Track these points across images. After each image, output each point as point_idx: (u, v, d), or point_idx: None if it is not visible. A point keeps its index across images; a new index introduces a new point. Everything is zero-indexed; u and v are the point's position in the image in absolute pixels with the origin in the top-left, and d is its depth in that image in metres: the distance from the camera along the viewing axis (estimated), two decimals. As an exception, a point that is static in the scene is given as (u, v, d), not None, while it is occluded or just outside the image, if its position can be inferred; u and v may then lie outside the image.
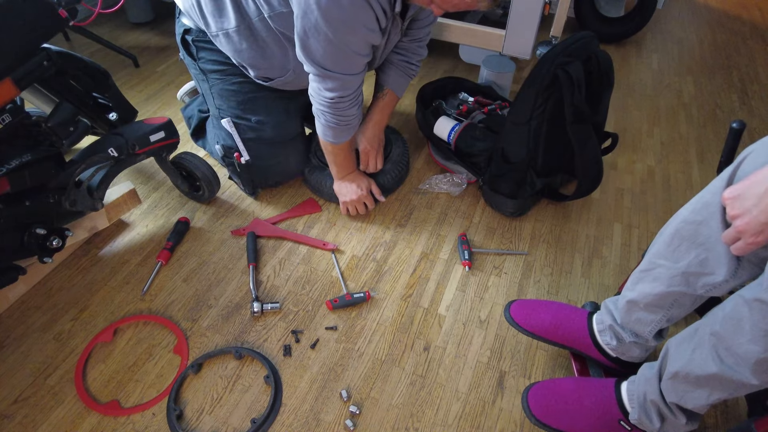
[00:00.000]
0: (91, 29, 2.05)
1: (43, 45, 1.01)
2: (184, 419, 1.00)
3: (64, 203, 1.11)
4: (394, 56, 1.36)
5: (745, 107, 2.00)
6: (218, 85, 1.35)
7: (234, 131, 1.36)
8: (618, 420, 0.90)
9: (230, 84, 1.35)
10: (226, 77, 1.34)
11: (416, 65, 1.40)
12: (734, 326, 0.70)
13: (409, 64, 1.38)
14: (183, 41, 1.35)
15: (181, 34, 1.34)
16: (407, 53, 1.37)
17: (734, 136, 0.91)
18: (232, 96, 1.35)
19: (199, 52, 1.34)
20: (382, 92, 1.41)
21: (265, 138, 1.38)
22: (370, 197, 1.41)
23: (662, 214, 1.48)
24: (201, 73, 1.37)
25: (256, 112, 1.35)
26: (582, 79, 1.21)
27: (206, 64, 1.35)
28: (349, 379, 1.07)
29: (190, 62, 1.38)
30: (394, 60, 1.37)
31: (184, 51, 1.38)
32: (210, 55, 1.33)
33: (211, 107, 1.42)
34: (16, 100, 0.98)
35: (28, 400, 1.02)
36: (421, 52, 1.39)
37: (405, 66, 1.38)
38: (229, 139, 1.38)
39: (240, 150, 1.37)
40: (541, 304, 1.08)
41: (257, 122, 1.36)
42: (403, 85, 1.41)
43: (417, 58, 1.39)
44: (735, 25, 2.67)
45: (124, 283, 1.24)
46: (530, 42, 1.67)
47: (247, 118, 1.36)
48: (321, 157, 1.46)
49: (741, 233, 0.66)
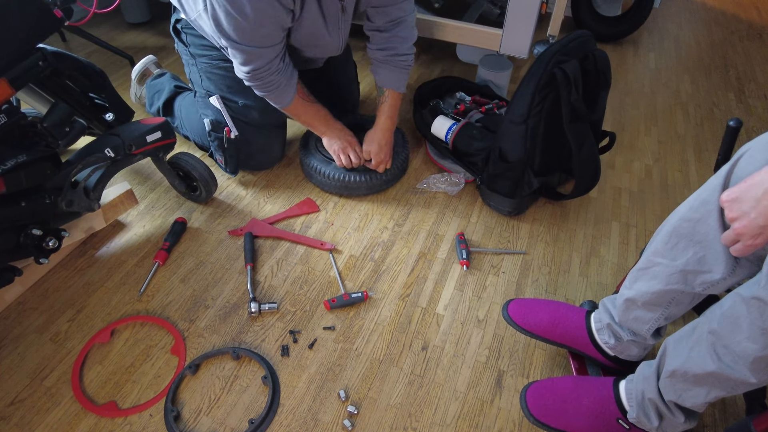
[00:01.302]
0: (88, 30, 2.04)
1: (39, 45, 1.01)
2: (181, 420, 1.00)
3: (61, 204, 1.10)
4: (378, 53, 1.37)
5: (742, 106, 2.01)
6: (207, 69, 1.41)
7: (223, 108, 1.39)
8: (616, 419, 0.90)
9: (218, 68, 1.39)
10: (212, 61, 1.39)
11: (406, 54, 1.38)
12: (732, 324, 0.70)
13: (398, 56, 1.37)
14: (175, 30, 1.44)
15: (173, 23, 1.43)
16: (390, 44, 1.36)
17: (731, 134, 0.91)
18: (219, 79, 1.40)
19: (188, 38, 1.41)
20: (383, 95, 1.42)
21: (252, 121, 1.43)
22: (351, 149, 1.42)
23: (660, 213, 1.49)
24: (191, 57, 1.43)
25: (244, 96, 1.39)
26: (579, 78, 1.21)
27: (195, 49, 1.41)
28: (347, 379, 1.07)
29: (183, 49, 1.46)
30: (380, 57, 1.38)
31: (177, 39, 1.46)
32: (197, 41, 1.40)
33: (198, 89, 1.46)
34: (12, 101, 0.98)
35: (25, 402, 1.01)
36: (405, 36, 1.37)
37: (394, 59, 1.37)
38: (218, 115, 1.41)
39: (229, 125, 1.40)
40: (539, 303, 1.08)
41: (244, 106, 1.41)
42: (400, 79, 1.42)
43: (404, 47, 1.37)
44: (732, 24, 2.68)
45: (121, 284, 1.24)
46: (527, 41, 1.67)
47: (235, 100, 1.40)
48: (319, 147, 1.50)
49: (740, 235, 0.66)
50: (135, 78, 1.72)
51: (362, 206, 1.47)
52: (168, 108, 1.62)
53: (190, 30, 1.40)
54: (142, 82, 1.73)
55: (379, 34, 1.36)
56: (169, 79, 1.67)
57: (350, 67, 1.65)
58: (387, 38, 1.36)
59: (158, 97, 1.64)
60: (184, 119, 1.57)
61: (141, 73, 1.72)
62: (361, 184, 1.45)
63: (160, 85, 1.66)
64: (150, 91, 1.68)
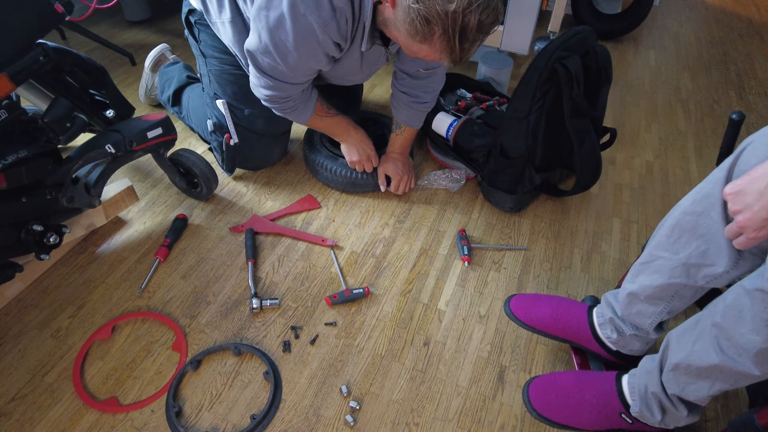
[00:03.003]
0: (88, 27, 2.04)
1: (40, 41, 1.01)
2: (183, 416, 1.00)
3: (61, 200, 1.10)
4: (403, 96, 1.36)
5: (742, 102, 2.01)
6: (216, 72, 1.38)
7: (228, 114, 1.38)
8: (619, 413, 0.90)
9: (227, 73, 1.37)
10: (223, 66, 1.37)
11: (428, 102, 1.38)
12: (735, 317, 0.70)
13: (421, 103, 1.37)
14: (187, 21, 1.40)
15: (186, 13, 1.39)
16: (417, 90, 1.34)
17: (734, 127, 0.91)
18: (228, 85, 1.38)
19: (201, 35, 1.38)
20: (400, 129, 1.42)
21: (256, 130, 1.42)
22: (368, 162, 1.43)
23: (661, 209, 1.49)
24: (201, 55, 1.41)
25: (250, 105, 1.37)
26: (580, 74, 1.21)
27: (206, 48, 1.38)
28: (348, 374, 1.07)
29: (193, 42, 1.43)
30: (405, 101, 1.36)
31: (188, 30, 1.43)
32: (210, 40, 1.37)
33: (206, 88, 1.44)
34: (12, 96, 0.98)
35: (26, 398, 1.01)
36: (435, 88, 1.37)
37: (417, 105, 1.37)
38: (222, 119, 1.41)
39: (231, 132, 1.40)
40: (541, 298, 1.08)
41: (249, 114, 1.39)
42: (418, 119, 1.42)
43: (430, 96, 1.37)
44: (732, 21, 2.68)
45: (122, 281, 1.23)
46: (528, 38, 1.67)
47: (240, 108, 1.39)
48: (325, 143, 1.51)
49: (743, 228, 0.66)
50: (149, 66, 1.72)
51: (363, 203, 1.47)
52: (177, 97, 1.62)
53: (204, 27, 1.36)
54: (155, 70, 1.73)
55: (409, 79, 1.32)
56: (181, 68, 1.67)
57: None
58: (415, 85, 1.33)
59: (169, 85, 1.64)
60: (190, 111, 1.57)
61: (155, 60, 1.72)
62: (368, 181, 1.45)
63: (171, 73, 1.66)
64: (162, 78, 1.69)
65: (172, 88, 1.62)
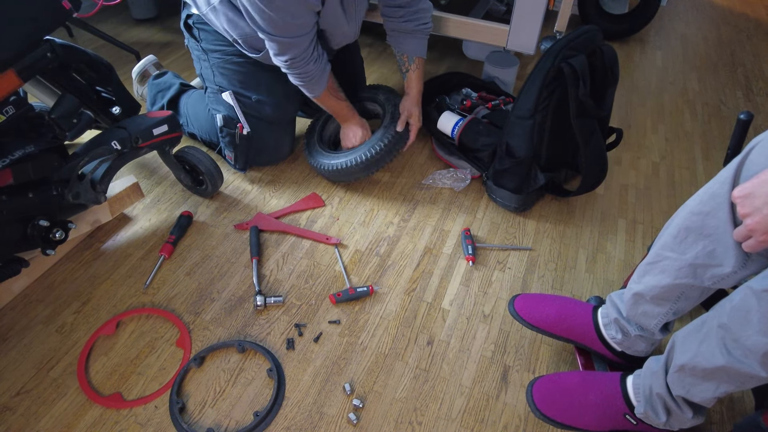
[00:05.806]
0: (95, 25, 2.04)
1: (47, 37, 1.01)
2: (186, 412, 1.00)
3: (67, 196, 1.10)
4: (407, 25, 1.41)
5: (750, 104, 1.99)
6: (219, 64, 1.42)
7: (236, 104, 1.41)
8: (623, 414, 0.90)
9: (231, 63, 1.41)
10: (226, 57, 1.41)
11: (429, 23, 1.44)
12: (742, 318, 0.69)
13: (424, 24, 1.43)
14: (186, 25, 1.44)
15: (184, 19, 1.44)
16: (416, 15, 1.40)
17: (742, 127, 0.90)
18: (233, 74, 1.41)
19: (201, 34, 1.42)
20: (413, 63, 1.46)
21: (265, 116, 1.44)
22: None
23: (667, 210, 1.48)
24: (203, 53, 1.44)
25: (258, 91, 1.41)
26: (587, 73, 1.21)
27: (208, 44, 1.42)
28: (352, 372, 1.07)
29: (194, 44, 1.46)
30: (408, 29, 1.42)
31: (188, 34, 1.46)
32: (210, 36, 1.41)
33: (210, 85, 1.47)
34: (19, 92, 0.98)
35: (31, 393, 1.02)
36: (427, 8, 1.43)
37: (421, 27, 1.42)
38: (230, 111, 1.43)
39: (242, 121, 1.42)
40: (546, 298, 1.08)
41: (257, 101, 1.42)
42: (424, 46, 1.47)
43: (427, 16, 1.43)
44: (740, 22, 2.66)
45: (127, 277, 1.24)
46: (534, 37, 1.66)
47: (248, 96, 1.42)
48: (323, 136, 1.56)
49: (752, 231, 0.66)
50: (135, 78, 1.73)
51: (368, 201, 1.47)
52: (172, 106, 1.61)
53: (202, 25, 1.41)
54: (143, 83, 1.73)
55: (402, 9, 1.40)
56: (173, 77, 1.67)
57: (358, 59, 1.68)
58: (412, 12, 1.40)
59: (162, 95, 1.63)
60: (191, 116, 1.56)
61: (140, 74, 1.72)
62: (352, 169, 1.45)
63: (164, 83, 1.64)
64: (152, 90, 1.66)
65: (166, 97, 1.61)
